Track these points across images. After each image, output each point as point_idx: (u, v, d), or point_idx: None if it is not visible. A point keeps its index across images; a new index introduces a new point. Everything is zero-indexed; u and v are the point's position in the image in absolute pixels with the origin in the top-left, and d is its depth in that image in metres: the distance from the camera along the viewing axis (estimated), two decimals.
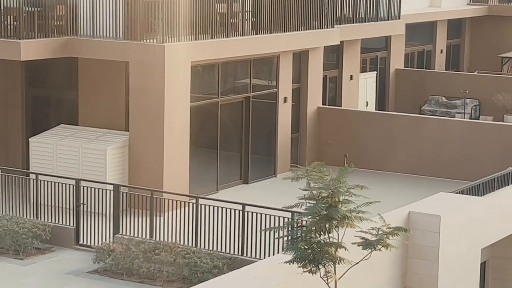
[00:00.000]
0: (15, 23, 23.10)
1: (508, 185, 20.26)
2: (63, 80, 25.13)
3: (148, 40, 22.92)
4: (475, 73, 36.17)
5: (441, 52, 38.29)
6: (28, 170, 23.19)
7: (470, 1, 40.11)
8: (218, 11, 24.46)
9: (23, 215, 20.92)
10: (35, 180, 21.41)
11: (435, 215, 16.68)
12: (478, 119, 30.91)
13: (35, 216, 21.06)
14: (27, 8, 22.89)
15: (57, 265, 19.34)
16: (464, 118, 30.78)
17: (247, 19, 25.25)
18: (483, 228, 18.38)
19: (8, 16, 23.21)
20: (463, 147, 26.12)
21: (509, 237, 19.90)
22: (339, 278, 11.55)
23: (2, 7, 23.62)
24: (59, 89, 25.52)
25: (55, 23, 23.59)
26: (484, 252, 18.86)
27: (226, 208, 19.08)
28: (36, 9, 23.16)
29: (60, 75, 24.77)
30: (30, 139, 23.98)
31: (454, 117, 30.51)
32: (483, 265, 19.39)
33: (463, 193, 18.46)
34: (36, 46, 22.88)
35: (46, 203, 21.23)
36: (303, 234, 11.75)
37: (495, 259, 20.34)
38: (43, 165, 22.93)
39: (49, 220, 20.84)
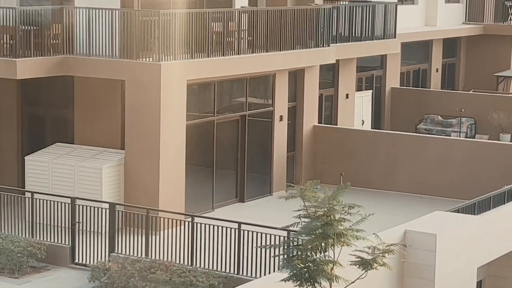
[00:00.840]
0: (11, 41, 23.21)
1: (504, 204, 20.11)
2: (58, 98, 25.35)
3: (144, 59, 22.92)
4: (470, 92, 36.33)
5: (437, 71, 38.31)
6: (24, 188, 23.22)
7: (465, 20, 40.19)
8: (214, 29, 24.55)
9: (18, 234, 20.97)
10: (30, 199, 21.53)
11: (431, 233, 16.82)
12: (474, 138, 30.93)
13: (30, 234, 21.15)
14: (23, 27, 22.92)
15: (53, 284, 19.39)
16: (459, 136, 30.79)
17: (243, 38, 25.25)
18: (479, 247, 18.37)
19: (4, 35, 23.39)
20: (461, 166, 25.98)
21: (505, 256, 19.84)
22: None
23: None
24: (54, 107, 25.61)
25: (51, 42, 23.74)
26: (480, 271, 18.82)
27: (222, 227, 19.17)
28: (32, 27, 23.27)
29: (56, 94, 24.90)
30: (25, 158, 24.10)
31: (450, 136, 30.48)
32: (479, 284, 19.36)
33: (459, 212, 18.54)
34: (32, 64, 23.02)
35: (41, 221, 21.39)
36: (299, 253, 11.74)
37: (491, 277, 20.44)
38: (38, 184, 22.99)
39: (44, 239, 20.87)
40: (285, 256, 12.50)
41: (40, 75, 23.46)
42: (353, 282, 11.82)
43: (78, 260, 20.54)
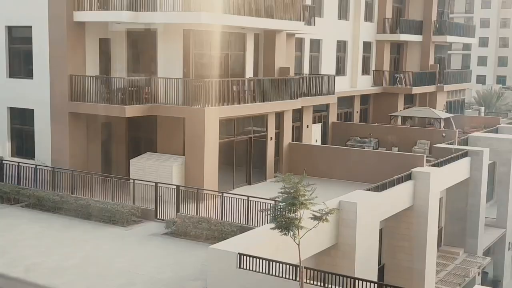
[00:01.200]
0: (123, 96, 23.63)
1: (394, 186, 20.87)
2: (148, 127, 25.48)
3: (196, 106, 23.44)
4: (376, 124, 36.39)
5: (357, 113, 38.11)
6: (129, 177, 23.56)
7: (373, 84, 39.33)
8: (233, 89, 24.93)
9: (126, 202, 21.33)
10: (133, 183, 22.10)
11: (353, 202, 17.78)
12: (377, 150, 31.30)
13: (132, 202, 21.46)
14: (129, 88, 23.59)
15: (144, 230, 19.93)
16: (370, 149, 31.23)
17: (249, 94, 25.76)
18: (380, 209, 19.71)
19: (119, 92, 23.74)
20: (371, 164, 26.50)
21: (395, 215, 21.07)
22: (300, 238, 12.55)
23: (115, 87, 24.07)
24: (146, 132, 25.84)
25: (144, 96, 24.42)
26: (381, 223, 20.19)
27: (238, 198, 19.72)
28: (134, 88, 24.04)
29: (146, 125, 25.46)
30: (130, 160, 24.70)
31: (364, 148, 31.00)
32: (380, 231, 20.40)
33: (369, 190, 19.49)
34: (134, 109, 23.74)
35: (139, 195, 21.86)
36: (280, 213, 12.73)
37: (387, 227, 21.46)
38: (138, 175, 23.50)
39: (140, 205, 21.38)
40: (273, 215, 13.25)
41: (138, 115, 24.22)
42: (310, 229, 12.76)
43: (159, 217, 20.92)
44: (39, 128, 25.41)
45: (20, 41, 26.10)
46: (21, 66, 26.15)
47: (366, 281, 13.81)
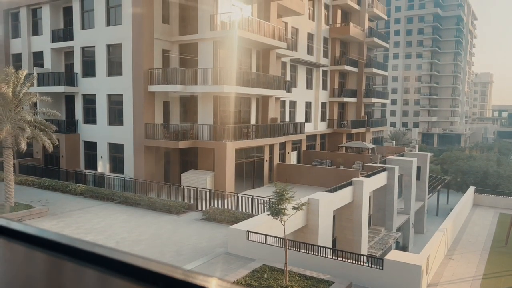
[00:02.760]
0: (177, 135, 23.71)
1: (342, 189, 20.45)
2: (192, 154, 25.06)
3: (221, 141, 23.46)
4: (329, 152, 35.94)
5: (318, 144, 37.41)
6: (181, 184, 23.36)
7: (327, 127, 39.04)
8: (243, 131, 24.87)
9: (179, 199, 21.31)
10: (183, 188, 22.32)
11: (316, 199, 17.95)
12: (331, 167, 31.01)
13: (182, 199, 21.61)
14: (180, 131, 23.58)
15: (189, 217, 19.59)
16: (326, 166, 30.93)
17: (253, 134, 25.51)
18: (333, 203, 19.47)
19: (174, 133, 23.82)
20: (327, 176, 26.30)
21: (342, 207, 20.78)
22: (285, 220, 12.33)
23: (172, 130, 24.07)
24: (191, 157, 25.25)
25: (190, 135, 24.34)
26: (334, 211, 19.97)
27: (247, 196, 20.22)
28: (183, 131, 23.94)
29: (191, 153, 25.17)
30: (181, 174, 24.60)
31: (322, 166, 30.64)
32: (334, 217, 20.38)
33: (326, 192, 19.11)
34: (183, 143, 23.73)
35: (187, 195, 21.76)
36: (273, 205, 12.53)
37: (337, 214, 21.09)
38: (186, 183, 23.51)
39: (187, 201, 21.13)
40: (268, 206, 13.10)
41: (186, 146, 24.20)
42: (291, 215, 12.63)
43: (198, 209, 20.63)
44: (126, 155, 25.37)
45: (115, 103, 26.06)
46: (116, 118, 26.08)
47: (325, 247, 13.74)
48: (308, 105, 36.92)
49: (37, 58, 29.51)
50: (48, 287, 0.78)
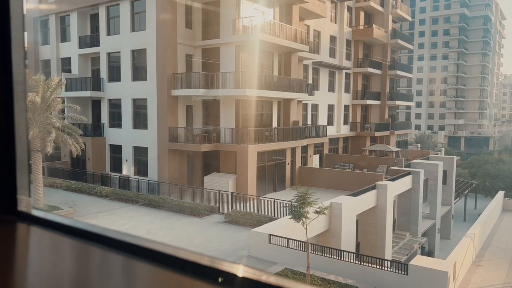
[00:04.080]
0: (199, 139, 23.57)
1: (364, 193, 20.28)
2: (214, 157, 24.95)
3: (243, 144, 23.32)
4: (352, 155, 35.57)
5: (341, 148, 37.26)
6: (203, 187, 23.26)
7: (350, 130, 39.06)
8: (265, 134, 24.75)
9: (201, 202, 21.09)
10: (205, 190, 22.08)
11: (339, 203, 17.80)
12: (354, 170, 30.61)
13: (205, 202, 21.03)
14: (203, 134, 23.67)
15: (212, 219, 19.64)
16: (349, 170, 30.64)
17: (275, 136, 25.40)
18: (356, 207, 19.35)
19: (197, 136, 23.69)
20: (350, 179, 26.08)
21: (365, 211, 20.55)
22: (307, 224, 12.22)
23: (195, 134, 23.96)
24: (213, 160, 25.05)
25: (213, 138, 24.31)
26: (357, 216, 19.82)
27: (269, 199, 19.92)
28: (206, 134, 23.90)
29: (213, 156, 25.01)
30: (204, 177, 24.52)
31: (345, 169, 30.24)
32: (357, 221, 20.11)
33: (349, 196, 19.08)
34: (206, 146, 23.68)
35: (210, 197, 21.65)
36: (295, 209, 12.48)
37: (361, 218, 20.88)
38: (208, 186, 23.38)
39: (209, 204, 20.87)
40: (290, 210, 13.06)
41: (208, 150, 24.14)
42: (313, 219, 12.44)
43: (221, 212, 20.61)
44: (150, 158, 25.51)
45: (139, 107, 26.23)
46: (140, 122, 26.25)
47: (349, 252, 13.54)
48: (330, 108, 36.57)
49: (65, 64, 30.10)
50: (79, 271, 0.83)
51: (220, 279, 0.71)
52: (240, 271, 0.71)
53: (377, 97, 41.17)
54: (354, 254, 13.44)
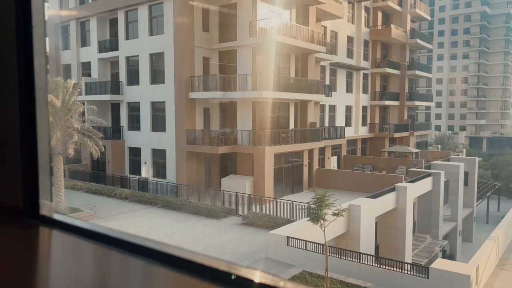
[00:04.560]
0: (217, 141, 23.65)
1: (384, 195, 20.05)
2: (232, 159, 24.91)
3: (259, 146, 23.22)
4: (371, 156, 35.32)
5: (359, 149, 37.04)
6: (221, 189, 23.21)
7: (368, 131, 38.63)
8: (282, 136, 24.58)
9: (219, 204, 21.20)
10: (223, 192, 22.09)
11: (358, 205, 17.65)
12: (373, 172, 30.33)
13: (222, 204, 21.24)
14: (220, 136, 23.77)
15: (229, 221, 19.62)
16: (368, 172, 30.34)
17: (292, 138, 25.31)
18: (375, 210, 19.26)
19: (214, 139, 23.80)
20: (369, 181, 25.76)
21: (385, 213, 20.39)
22: (326, 226, 12.10)
23: (212, 136, 23.93)
24: (230, 162, 25.02)
25: (230, 140, 24.34)
26: (376, 218, 19.73)
27: (286, 202, 19.70)
28: (223, 136, 24.16)
29: (231, 157, 25.09)
30: (221, 179, 24.47)
31: (364, 171, 29.93)
32: (376, 223, 19.90)
33: (368, 198, 18.85)
34: (223, 148, 23.68)
35: (226, 199, 21.63)
36: (312, 211, 12.38)
37: (380, 220, 20.60)
38: (226, 188, 23.28)
39: (227, 206, 21.16)
40: (307, 212, 12.99)
41: (226, 152, 24.11)
42: (331, 221, 12.28)
43: (238, 213, 20.66)
44: (168, 161, 25.60)
45: (158, 110, 26.42)
46: (158, 124, 26.37)
47: (368, 254, 13.36)
48: (348, 109, 36.27)
49: (85, 68, 30.61)
50: (98, 274, 0.85)
51: (233, 276, 0.72)
52: (257, 276, 0.71)
53: (396, 98, 40.65)
54: (373, 257, 13.26)
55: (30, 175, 1.07)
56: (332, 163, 32.51)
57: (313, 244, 13.67)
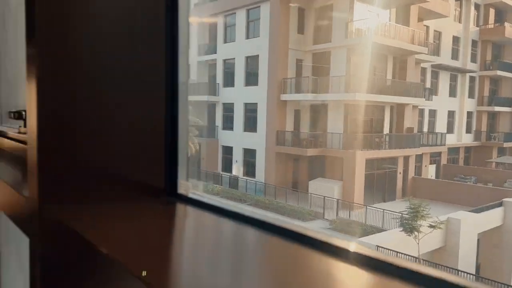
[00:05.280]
0: (305, 143, 23.41)
1: (488, 210, 18.41)
2: (320, 162, 23.82)
3: (350, 150, 22.29)
4: (475, 167, 32.52)
5: (461, 158, 34.63)
6: (308, 192, 22.41)
7: (473, 140, 35.86)
8: (375, 141, 23.63)
9: (305, 206, 20.52)
10: (310, 195, 21.38)
11: (458, 218, 16.59)
12: (476, 184, 27.77)
13: (309, 207, 20.37)
14: (309, 138, 23.41)
15: (316, 224, 18.85)
16: (471, 184, 27.72)
17: (386, 143, 24.20)
18: (477, 223, 17.65)
19: (303, 141, 23.57)
20: (467, 192, 23.37)
21: (489, 230, 18.47)
22: (420, 238, 11.46)
23: (301, 136, 23.91)
24: (319, 165, 24.00)
25: (319, 143, 23.55)
26: (478, 234, 18.02)
27: (377, 210, 18.69)
28: (312, 139, 23.57)
29: (319, 161, 24.00)
30: (309, 181, 23.72)
31: (466, 183, 27.46)
32: (478, 241, 17.92)
33: (471, 212, 17.89)
34: (312, 151, 23.22)
35: (314, 202, 20.66)
36: (406, 221, 11.75)
37: (482, 239, 18.85)
38: (313, 190, 22.32)
39: (314, 209, 20.31)
40: (401, 222, 12.37)
41: (314, 154, 23.55)
42: (427, 234, 11.59)
43: (325, 218, 19.67)
44: (258, 160, 25.84)
45: (250, 111, 26.79)
46: (250, 125, 26.77)
47: (468, 273, 12.35)
48: (450, 114, 33.77)
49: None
50: (229, 247, 0.96)
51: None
52: (352, 247, 0.80)
53: (507, 104, 36.69)
54: (474, 277, 12.25)
55: (171, 161, 1.23)
56: (430, 172, 30.38)
57: (405, 256, 13.04)
